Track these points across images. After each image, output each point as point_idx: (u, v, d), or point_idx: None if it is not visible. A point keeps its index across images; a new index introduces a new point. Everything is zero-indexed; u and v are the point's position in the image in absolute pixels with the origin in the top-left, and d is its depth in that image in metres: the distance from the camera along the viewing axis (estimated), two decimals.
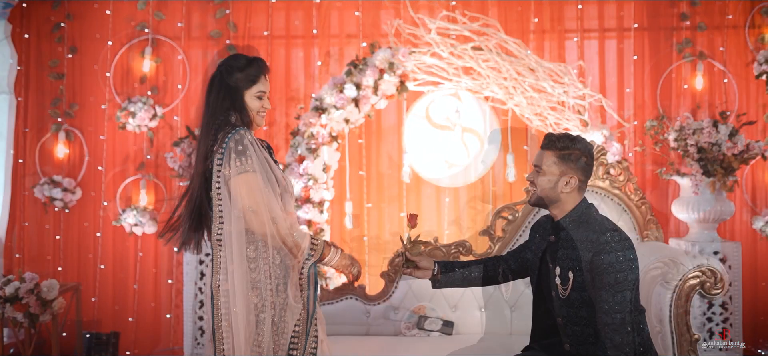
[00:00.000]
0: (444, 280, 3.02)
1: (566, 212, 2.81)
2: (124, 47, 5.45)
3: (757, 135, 5.24)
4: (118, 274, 5.45)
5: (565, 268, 2.74)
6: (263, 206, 2.65)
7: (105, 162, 5.45)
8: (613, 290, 2.61)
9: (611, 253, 2.63)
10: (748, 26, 5.33)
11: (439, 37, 4.99)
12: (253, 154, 2.68)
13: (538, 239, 2.97)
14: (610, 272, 2.62)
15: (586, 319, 2.72)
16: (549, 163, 2.80)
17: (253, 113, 2.83)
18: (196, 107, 5.43)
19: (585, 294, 2.70)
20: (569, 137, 2.79)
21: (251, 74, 2.82)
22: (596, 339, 2.72)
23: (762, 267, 5.30)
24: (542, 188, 2.81)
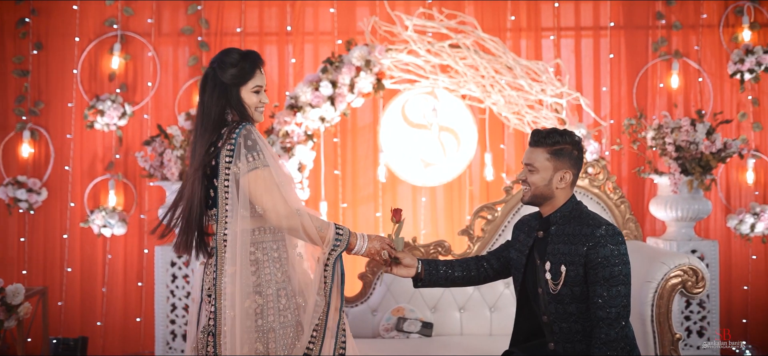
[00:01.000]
0: (427, 279, 2.94)
1: (556, 208, 2.77)
2: (92, 44, 5.30)
3: (732, 134, 5.26)
4: (86, 277, 5.29)
5: (557, 263, 2.70)
6: (282, 200, 2.53)
7: (72, 162, 5.29)
8: (608, 284, 2.61)
9: (606, 247, 2.62)
10: (723, 25, 5.35)
11: (416, 35, 4.93)
12: (263, 148, 2.57)
13: (522, 237, 2.92)
14: (605, 266, 2.61)
15: (574, 316, 2.69)
16: (542, 160, 2.75)
17: (251, 109, 2.68)
18: (166, 105, 5.31)
19: (576, 290, 2.67)
20: (559, 132, 2.75)
21: (246, 69, 2.66)
22: (583, 336, 2.69)
23: (736, 266, 5.32)
24: (537, 186, 2.75)
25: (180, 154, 4.72)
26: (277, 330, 2.61)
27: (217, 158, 2.59)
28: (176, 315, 4.80)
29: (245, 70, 2.66)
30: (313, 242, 2.62)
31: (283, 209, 2.54)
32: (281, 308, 2.62)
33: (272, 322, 2.60)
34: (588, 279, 2.64)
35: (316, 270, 2.65)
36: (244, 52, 2.70)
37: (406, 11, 5.10)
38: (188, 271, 4.78)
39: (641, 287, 3.63)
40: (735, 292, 5.31)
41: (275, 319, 2.61)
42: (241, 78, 2.65)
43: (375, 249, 2.73)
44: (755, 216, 5.08)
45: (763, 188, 5.34)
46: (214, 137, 2.61)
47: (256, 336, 2.57)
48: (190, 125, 4.93)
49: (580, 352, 2.69)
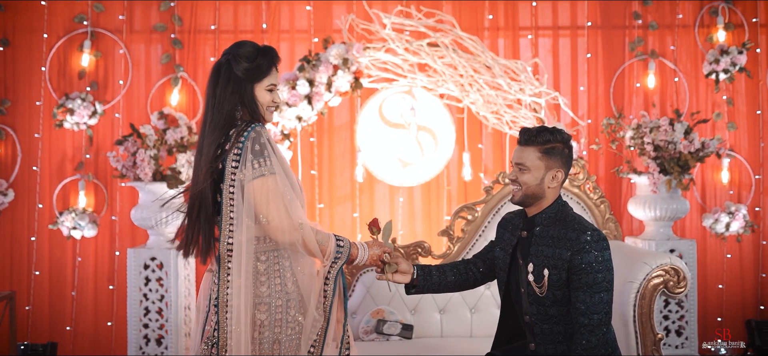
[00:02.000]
0: (421, 286, 2.87)
1: (543, 208, 2.72)
2: (61, 40, 5.16)
3: (707, 134, 5.29)
4: (55, 281, 5.15)
5: (539, 265, 2.66)
6: (285, 212, 2.41)
7: (40, 162, 5.15)
8: (591, 290, 2.57)
9: (590, 253, 2.58)
10: (698, 26, 5.37)
11: (394, 33, 4.87)
12: (271, 154, 2.44)
13: (507, 236, 2.87)
14: (588, 272, 2.57)
15: (556, 318, 2.66)
16: (533, 159, 2.69)
17: (263, 108, 2.54)
18: (138, 103, 5.19)
19: (558, 293, 2.63)
20: (549, 130, 2.70)
21: (262, 65, 2.52)
22: (564, 338, 2.67)
23: (711, 265, 5.35)
24: (528, 186, 2.69)
25: (153, 154, 4.61)
26: (282, 342, 2.49)
27: (224, 161, 2.46)
28: (149, 319, 4.70)
29: (262, 66, 2.54)
30: (313, 255, 2.52)
31: (286, 223, 2.42)
32: (289, 320, 2.49)
33: (279, 334, 2.48)
34: (571, 284, 2.61)
35: (316, 284, 2.53)
36: (261, 47, 2.57)
37: (383, 9, 5.04)
38: (162, 274, 4.68)
39: (623, 287, 3.62)
40: (710, 291, 5.34)
41: (282, 331, 2.49)
42: (257, 74, 2.52)
43: (377, 255, 2.68)
44: (730, 215, 5.11)
45: (737, 187, 5.37)
46: (222, 137, 2.48)
47: (260, 349, 2.46)
48: (163, 124, 4.81)
49: (561, 353, 2.67)
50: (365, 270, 4.36)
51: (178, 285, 4.66)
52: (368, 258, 2.64)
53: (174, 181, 4.61)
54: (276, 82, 2.58)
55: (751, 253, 5.37)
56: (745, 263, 5.37)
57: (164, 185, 4.64)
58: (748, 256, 5.37)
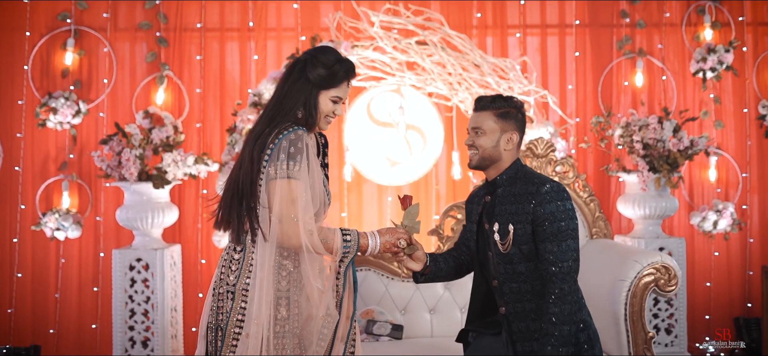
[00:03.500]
0: (432, 273, 2.92)
1: (502, 171, 2.82)
2: (43, 39, 5.08)
3: (694, 132, 5.30)
4: (37, 283, 5.06)
5: (504, 223, 2.74)
6: (295, 219, 2.41)
7: (22, 162, 5.06)
8: (557, 239, 2.66)
9: (552, 203, 2.68)
10: (685, 24, 5.38)
11: (383, 31, 4.83)
12: (303, 160, 2.44)
13: (474, 208, 2.95)
14: (552, 221, 2.67)
15: (524, 275, 2.72)
16: (489, 123, 2.80)
17: (321, 116, 2.57)
18: (123, 102, 5.12)
19: (524, 248, 2.70)
20: (503, 97, 2.83)
21: (336, 75, 2.55)
22: (533, 296, 2.72)
23: (699, 263, 5.37)
24: (485, 149, 2.80)
25: (139, 153, 4.54)
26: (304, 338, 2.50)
27: (262, 151, 2.47)
28: (135, 321, 4.63)
29: (334, 77, 2.55)
30: (321, 254, 2.50)
31: (296, 226, 2.42)
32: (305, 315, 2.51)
33: (295, 328, 2.49)
34: (536, 237, 2.69)
35: (329, 280, 2.52)
36: (341, 58, 2.59)
37: (372, 7, 5.01)
38: (148, 275, 4.62)
39: (614, 285, 3.60)
40: (698, 289, 5.35)
41: (298, 325, 2.50)
42: (327, 82, 2.55)
43: (390, 243, 2.62)
44: (718, 213, 5.12)
45: (725, 185, 5.39)
46: (270, 127, 2.49)
47: (282, 344, 2.47)
48: (148, 123, 4.75)
49: (530, 310, 2.71)
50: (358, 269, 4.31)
51: (165, 286, 4.60)
52: (380, 246, 2.59)
53: (160, 181, 4.55)
54: (343, 97, 2.60)
55: (739, 251, 5.39)
56: (733, 261, 5.38)
57: (150, 185, 4.58)
58: (736, 254, 5.39)
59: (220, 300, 2.53)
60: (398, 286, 4.23)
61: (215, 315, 2.54)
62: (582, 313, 2.75)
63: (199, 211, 5.10)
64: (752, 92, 5.40)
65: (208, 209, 4.97)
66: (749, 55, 5.42)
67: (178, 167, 4.61)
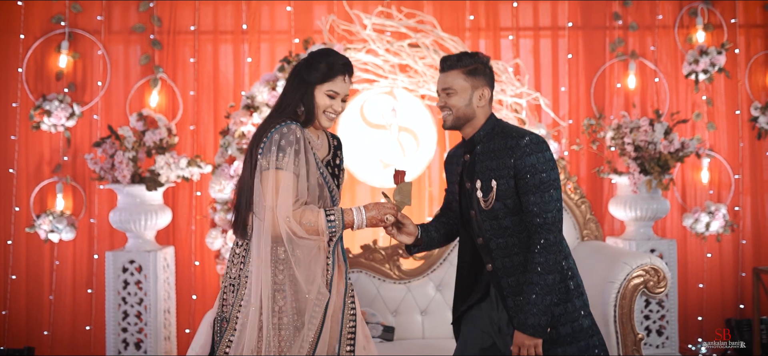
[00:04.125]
0: (425, 242, 2.92)
1: (478, 128, 2.79)
2: (37, 41, 5.09)
3: (687, 134, 5.32)
4: (31, 285, 5.07)
5: (486, 179, 2.72)
6: (276, 204, 2.51)
7: (17, 164, 5.07)
8: (539, 190, 2.64)
9: (532, 155, 2.66)
10: (678, 27, 5.40)
11: (375, 34, 4.85)
12: (291, 153, 2.53)
13: (453, 168, 2.93)
14: (533, 173, 2.65)
15: (510, 229, 2.71)
16: (459, 82, 2.76)
17: (319, 111, 2.66)
18: (117, 105, 5.14)
19: (509, 202, 2.69)
20: (468, 54, 2.79)
21: (328, 70, 2.65)
22: (520, 249, 2.71)
23: (692, 264, 5.38)
24: (458, 109, 2.76)
25: (132, 156, 4.56)
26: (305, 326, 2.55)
27: (257, 146, 2.59)
28: (128, 323, 4.65)
29: (324, 72, 2.65)
30: (309, 238, 2.56)
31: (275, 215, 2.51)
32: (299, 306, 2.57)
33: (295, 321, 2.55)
34: (519, 190, 2.68)
35: (320, 261, 2.59)
36: (337, 54, 2.69)
37: (364, 10, 5.03)
38: (141, 277, 4.63)
39: (603, 287, 3.63)
40: (691, 290, 5.37)
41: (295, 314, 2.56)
42: (321, 78, 2.65)
43: (376, 218, 2.65)
44: (710, 215, 5.13)
45: (717, 187, 5.41)
46: (269, 125, 2.61)
47: (280, 335, 2.53)
48: (142, 125, 4.77)
49: (519, 264, 2.71)
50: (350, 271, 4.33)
51: (158, 288, 4.61)
52: (367, 221, 2.63)
53: (153, 183, 4.57)
54: (339, 91, 2.67)
55: (731, 252, 5.40)
56: (725, 263, 5.40)
57: (143, 188, 4.59)
58: (728, 255, 5.40)
59: (225, 293, 2.66)
60: (390, 288, 4.25)
61: (220, 308, 2.66)
62: (568, 261, 2.76)
63: (192, 213, 5.11)
64: (744, 93, 5.42)
65: (202, 211, 5.00)
66: (742, 57, 5.43)
67: (171, 170, 4.63)
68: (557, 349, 2.67)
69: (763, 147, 5.43)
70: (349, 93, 2.73)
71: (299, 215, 2.53)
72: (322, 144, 2.76)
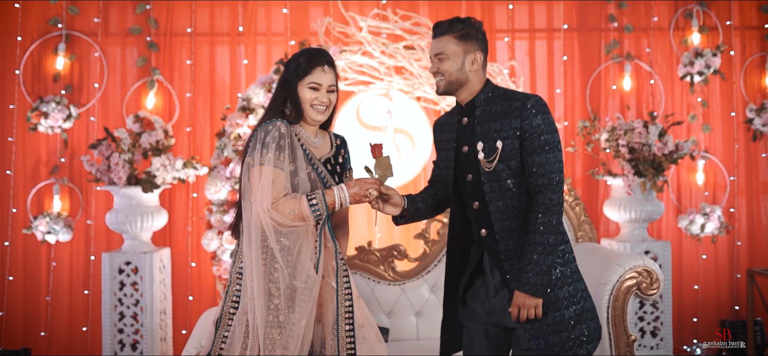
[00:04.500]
0: (412, 213, 2.90)
1: (476, 92, 2.78)
2: (35, 43, 5.11)
3: (682, 135, 5.33)
4: (29, 286, 5.09)
5: (490, 140, 2.71)
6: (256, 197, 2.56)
7: (14, 166, 5.09)
8: (545, 151, 2.65)
9: (538, 116, 2.66)
10: (673, 28, 5.42)
11: (371, 36, 4.87)
12: (273, 148, 2.58)
13: (445, 135, 2.90)
14: (538, 134, 2.66)
15: (512, 191, 2.70)
16: (451, 46, 2.73)
17: (306, 105, 2.70)
18: (114, 107, 5.16)
19: (513, 163, 2.69)
20: (460, 20, 2.77)
21: (306, 62, 2.70)
22: (520, 212, 2.70)
23: (687, 266, 5.39)
24: (451, 73, 2.75)
25: (128, 157, 4.58)
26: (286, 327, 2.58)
27: (246, 146, 2.69)
28: (124, 324, 4.67)
29: (303, 65, 2.70)
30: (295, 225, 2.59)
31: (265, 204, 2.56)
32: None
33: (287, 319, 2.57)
34: (523, 151, 2.68)
35: (309, 245, 2.62)
36: (314, 49, 2.76)
37: (360, 12, 5.04)
38: (136, 278, 4.65)
39: (596, 289, 3.64)
40: (686, 292, 5.38)
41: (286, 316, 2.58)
42: (298, 72, 2.70)
43: (358, 195, 2.65)
44: (705, 217, 5.15)
45: (712, 188, 5.42)
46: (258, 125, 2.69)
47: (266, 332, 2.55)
48: (138, 127, 4.79)
49: (518, 227, 2.70)
50: None
51: (154, 290, 4.63)
52: (350, 199, 2.64)
53: (149, 185, 4.59)
54: (321, 82, 2.70)
55: (726, 254, 5.42)
56: (720, 264, 5.41)
57: (139, 190, 4.61)
58: (723, 257, 5.41)
59: (224, 291, 2.73)
60: (384, 289, 4.27)
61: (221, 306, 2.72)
62: (563, 226, 2.74)
63: (189, 214, 5.13)
64: (740, 95, 5.44)
65: (198, 212, 5.01)
66: (737, 59, 5.45)
67: (167, 171, 4.65)
68: (555, 312, 2.67)
69: (759, 149, 5.44)
70: (334, 84, 2.75)
71: (281, 205, 2.56)
72: (324, 143, 2.81)
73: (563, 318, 2.67)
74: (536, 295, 2.61)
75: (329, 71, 2.73)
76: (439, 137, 2.95)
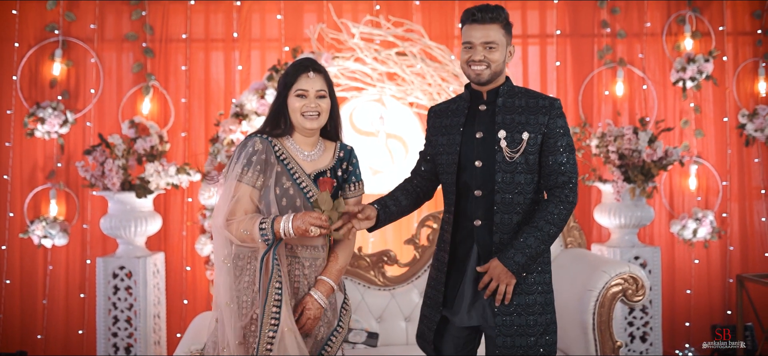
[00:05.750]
0: (383, 219, 2.82)
1: (500, 83, 2.75)
2: (32, 49, 5.17)
3: (675, 140, 5.36)
4: (25, 289, 5.15)
5: (516, 131, 2.67)
6: (215, 214, 2.61)
7: (11, 171, 5.15)
8: (568, 151, 2.68)
9: (562, 117, 2.70)
10: (666, 34, 5.43)
11: (363, 43, 4.91)
12: (242, 164, 2.59)
13: (448, 120, 2.82)
14: (563, 134, 2.68)
15: (522, 186, 2.67)
16: (499, 36, 2.69)
17: (296, 114, 2.67)
18: (110, 112, 5.21)
19: (531, 158, 2.67)
20: (499, 7, 2.72)
21: (292, 71, 2.70)
22: (522, 208, 2.68)
23: (679, 270, 5.41)
24: (498, 63, 2.69)
25: (122, 163, 4.62)
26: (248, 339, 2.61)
27: None
28: (118, 328, 4.71)
29: (290, 75, 2.70)
30: (251, 246, 2.59)
31: (217, 222, 2.60)
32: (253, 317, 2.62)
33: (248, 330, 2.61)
34: (545, 149, 2.67)
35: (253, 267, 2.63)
36: (298, 58, 2.79)
37: (353, 19, 5.08)
38: (131, 283, 4.70)
39: (582, 295, 3.67)
40: (678, 296, 5.40)
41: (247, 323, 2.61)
42: (286, 82, 2.70)
43: (300, 229, 2.51)
44: (697, 222, 5.17)
45: (705, 193, 5.44)
46: None
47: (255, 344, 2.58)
48: (133, 133, 4.84)
49: (516, 223, 2.68)
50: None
51: (147, 294, 4.68)
52: (292, 230, 2.52)
53: (143, 190, 4.64)
54: (307, 88, 2.66)
55: (719, 258, 5.44)
56: (713, 269, 5.43)
57: (133, 195, 4.66)
58: (716, 262, 5.43)
59: None
60: (374, 294, 4.30)
61: None
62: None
63: (184, 219, 5.17)
64: (732, 101, 5.45)
65: (193, 217, 5.06)
66: (729, 64, 5.47)
67: (160, 177, 4.69)
68: (524, 298, 2.67)
69: (751, 154, 5.46)
70: (325, 89, 2.68)
71: (236, 224, 2.57)
72: (323, 155, 2.76)
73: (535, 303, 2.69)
74: (515, 274, 2.62)
75: (316, 77, 2.68)
76: (437, 123, 2.86)
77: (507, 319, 2.67)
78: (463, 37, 2.73)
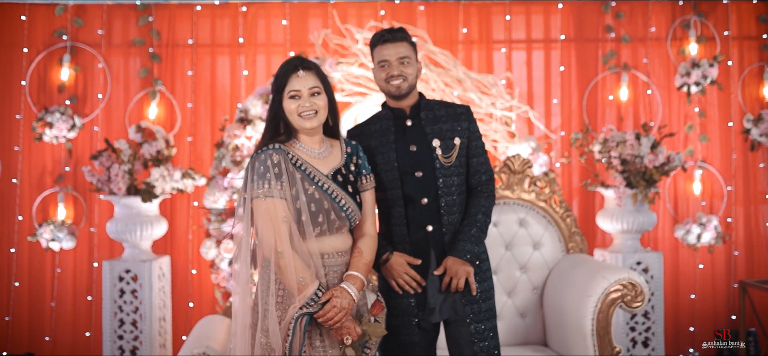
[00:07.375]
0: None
1: (417, 97, 2.99)
2: (40, 55, 5.23)
3: (679, 145, 5.35)
4: (34, 292, 5.22)
5: (448, 138, 2.93)
6: (271, 231, 2.53)
7: (20, 175, 5.22)
8: (484, 151, 3.03)
9: (475, 123, 3.03)
10: (670, 39, 5.43)
11: (367, 48, 4.94)
12: (272, 178, 2.54)
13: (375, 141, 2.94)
14: (478, 137, 3.02)
15: (455, 187, 2.94)
16: (410, 52, 2.94)
17: (293, 116, 2.64)
18: (117, 117, 5.27)
19: (463, 160, 2.96)
20: (403, 28, 2.99)
21: (282, 76, 2.66)
22: (458, 208, 2.95)
23: (683, 275, 5.41)
24: (413, 76, 2.93)
25: (127, 168, 4.68)
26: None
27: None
28: (124, 331, 4.77)
29: (280, 78, 2.67)
30: (289, 287, 2.55)
31: (267, 241, 2.55)
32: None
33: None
34: (469, 152, 2.97)
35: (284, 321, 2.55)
36: (285, 61, 2.70)
37: (358, 24, 5.12)
38: (136, 286, 4.75)
39: (581, 300, 3.69)
40: (682, 301, 5.39)
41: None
42: (278, 86, 2.67)
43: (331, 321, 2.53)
44: (701, 226, 5.16)
45: (709, 198, 5.43)
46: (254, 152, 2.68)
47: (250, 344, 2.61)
48: (140, 137, 4.89)
49: (457, 222, 2.93)
50: None
51: (153, 297, 4.73)
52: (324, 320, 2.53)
53: (148, 195, 4.69)
54: (299, 88, 2.62)
55: (723, 263, 5.43)
56: (717, 274, 5.42)
57: (139, 199, 4.71)
58: (720, 266, 5.42)
59: None
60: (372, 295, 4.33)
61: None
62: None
63: (189, 223, 5.22)
64: (737, 105, 5.45)
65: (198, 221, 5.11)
66: (734, 69, 5.46)
67: (165, 182, 4.74)
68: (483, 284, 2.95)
69: (756, 159, 5.45)
70: (318, 85, 2.65)
71: (294, 268, 2.52)
72: (332, 152, 2.74)
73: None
74: (470, 262, 2.87)
75: (306, 74, 2.63)
76: (364, 145, 2.93)
77: (475, 307, 2.93)
78: (377, 58, 2.94)
